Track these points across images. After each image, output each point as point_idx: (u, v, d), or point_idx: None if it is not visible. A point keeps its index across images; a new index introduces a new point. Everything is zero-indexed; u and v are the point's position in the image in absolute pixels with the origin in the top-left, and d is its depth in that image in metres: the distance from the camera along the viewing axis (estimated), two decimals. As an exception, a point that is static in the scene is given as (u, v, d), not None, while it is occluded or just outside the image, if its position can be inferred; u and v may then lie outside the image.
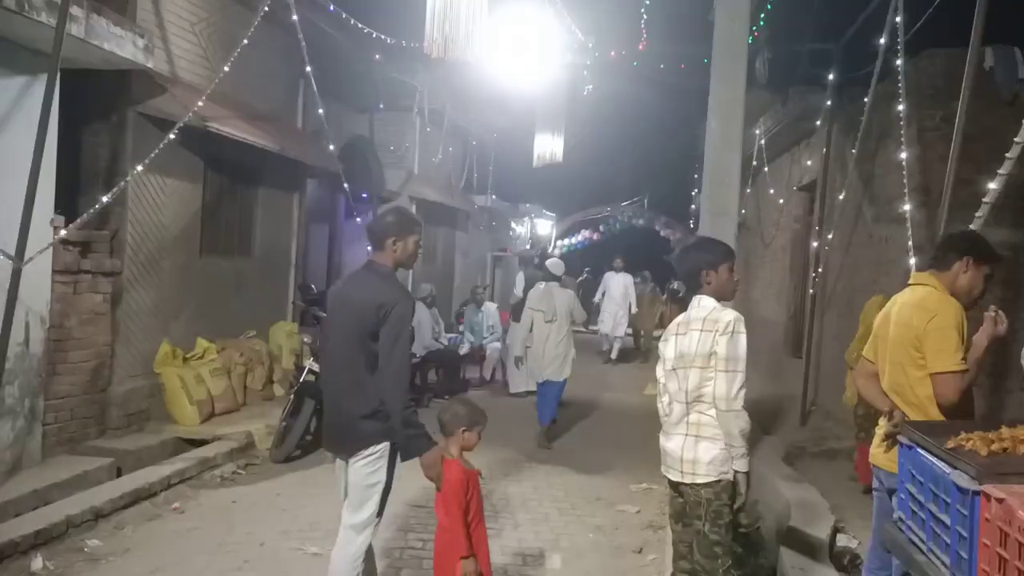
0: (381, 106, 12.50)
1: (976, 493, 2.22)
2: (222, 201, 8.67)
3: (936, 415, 3.18)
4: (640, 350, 16.80)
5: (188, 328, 7.99)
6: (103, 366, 6.81)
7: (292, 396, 7.26)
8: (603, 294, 16.12)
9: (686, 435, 3.44)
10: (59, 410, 6.30)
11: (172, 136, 6.66)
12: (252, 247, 9.35)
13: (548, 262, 9.35)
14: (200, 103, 6.88)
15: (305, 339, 9.24)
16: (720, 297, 3.56)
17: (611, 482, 6.82)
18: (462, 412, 3.55)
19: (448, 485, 3.41)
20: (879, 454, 3.35)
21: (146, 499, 5.69)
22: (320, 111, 8.80)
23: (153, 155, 6.58)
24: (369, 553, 3.67)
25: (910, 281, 3.49)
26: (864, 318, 7.90)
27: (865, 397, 3.62)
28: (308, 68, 8.42)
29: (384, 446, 3.51)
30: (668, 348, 3.59)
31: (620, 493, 6.52)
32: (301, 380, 7.28)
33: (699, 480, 3.40)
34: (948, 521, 2.38)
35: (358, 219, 11.50)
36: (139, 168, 6.60)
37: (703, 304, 3.54)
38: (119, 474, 6.16)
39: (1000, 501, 2.11)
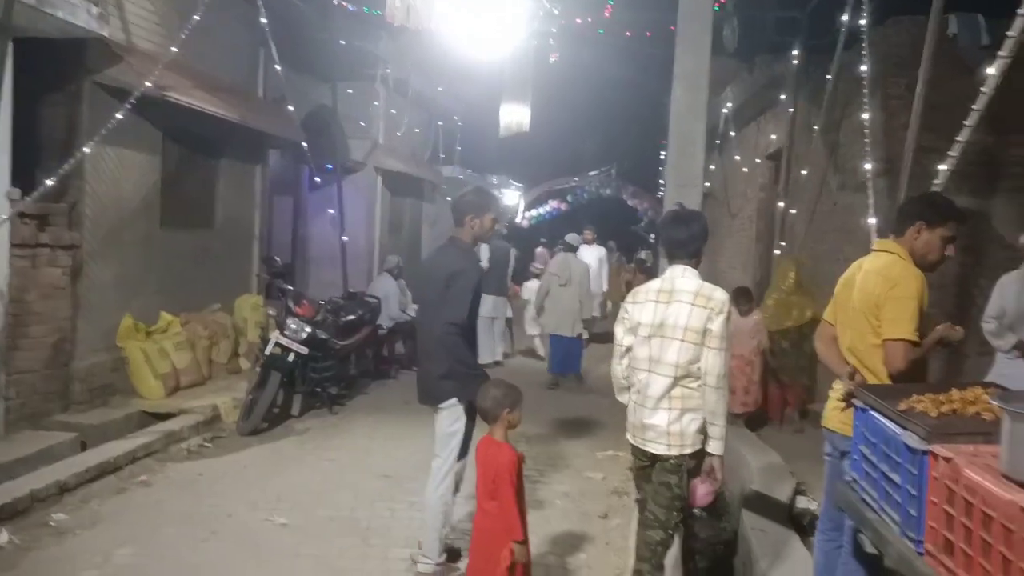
0: (344, 75, 12.32)
1: (925, 453, 2.29)
2: (182, 172, 8.52)
3: (887, 382, 3.24)
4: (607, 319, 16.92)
5: (151, 302, 7.89)
6: (64, 340, 6.71)
7: (258, 369, 7.23)
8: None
9: (670, 409, 3.44)
10: (21, 385, 6.21)
11: (129, 106, 6.54)
12: (214, 219, 9.22)
13: (567, 236, 11.06)
14: (157, 72, 6.73)
15: (270, 312, 9.18)
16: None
17: (578, 450, 6.90)
18: (500, 394, 3.51)
19: (503, 468, 3.35)
20: (832, 417, 3.39)
21: (112, 473, 5.65)
22: (282, 80, 8.66)
23: (110, 126, 6.46)
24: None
25: (874, 247, 3.49)
26: (776, 280, 8.19)
27: (823, 360, 3.62)
28: (268, 36, 8.28)
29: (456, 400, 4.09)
30: (643, 314, 3.54)
31: (586, 461, 6.60)
32: (267, 353, 7.24)
33: (686, 451, 3.45)
34: (899, 480, 2.44)
35: (321, 190, 11.41)
36: (96, 139, 6.48)
37: (687, 275, 3.54)
38: (84, 449, 6.11)
39: (947, 460, 2.18)
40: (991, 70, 4.02)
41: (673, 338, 3.43)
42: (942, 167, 4.66)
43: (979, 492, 2.02)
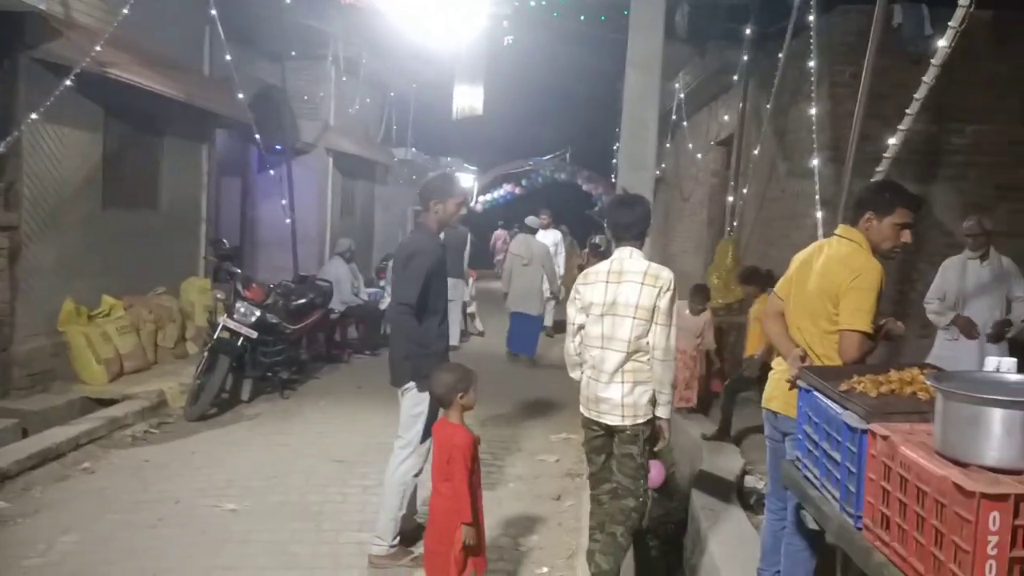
0: (293, 53, 12.10)
1: (864, 431, 2.36)
2: (125, 152, 8.29)
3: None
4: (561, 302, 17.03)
5: (93, 285, 7.69)
6: (2, 325, 6.52)
7: (206, 353, 7.10)
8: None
9: (623, 383, 3.66)
10: (-44, 371, 6.03)
11: (69, 82, 6.34)
12: (159, 200, 9.01)
13: (527, 219, 11.53)
14: (98, 48, 6.53)
15: (219, 295, 9.01)
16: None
17: (530, 432, 6.94)
18: (453, 379, 3.52)
19: (456, 450, 3.37)
20: (774, 398, 3.45)
21: (54, 460, 5.52)
22: (228, 57, 8.47)
23: (49, 103, 6.27)
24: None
25: (837, 232, 3.47)
26: (717, 259, 8.48)
27: (770, 336, 3.60)
28: (214, 11, 8.10)
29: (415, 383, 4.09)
30: (595, 294, 3.75)
31: (540, 443, 6.65)
32: (216, 337, 7.12)
33: (639, 421, 3.68)
34: (839, 458, 2.51)
35: (271, 171, 11.22)
36: (33, 117, 6.27)
37: (635, 257, 3.77)
38: (25, 435, 5.97)
39: (885, 438, 2.25)
40: (933, 60, 4.11)
41: (625, 316, 3.66)
42: (885, 155, 4.76)
43: (913, 468, 2.08)
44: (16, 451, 5.41)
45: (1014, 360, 2.60)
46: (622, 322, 3.65)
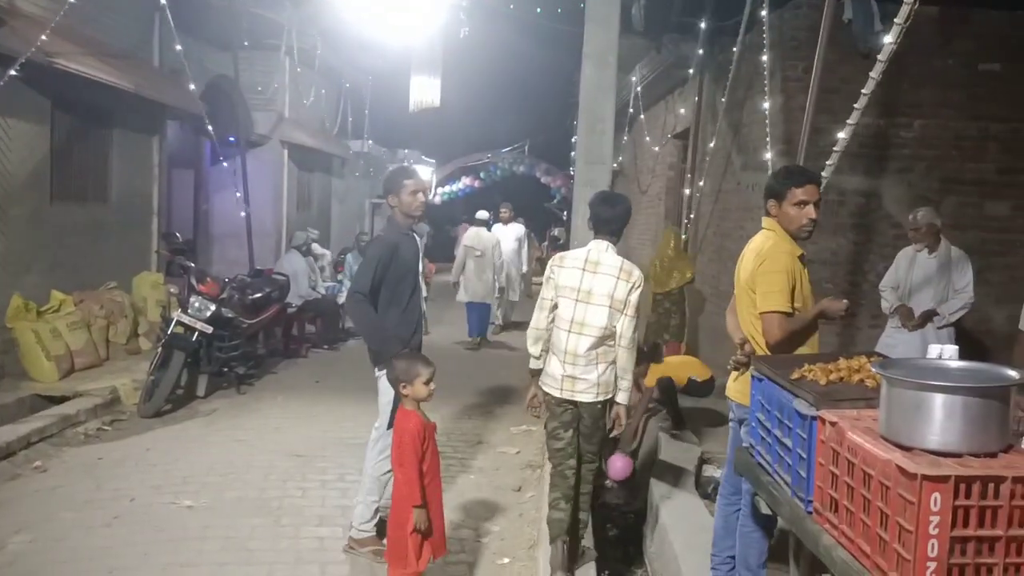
0: (246, 43, 11.90)
1: (814, 418, 2.43)
2: (73, 144, 8.11)
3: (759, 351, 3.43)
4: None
5: (42, 280, 7.51)
6: (-54, 322, 6.34)
7: (160, 349, 6.99)
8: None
9: (598, 363, 3.97)
10: (-102, 370, 5.85)
11: (13, 73, 6.18)
12: (108, 193, 8.83)
13: (478, 213, 12.01)
14: (44, 37, 6.37)
15: (172, 290, 8.87)
16: None
17: (491, 425, 6.97)
18: (399, 368, 3.55)
19: (406, 435, 3.42)
20: (731, 387, 3.59)
21: (4, 459, 5.40)
22: (178, 48, 8.31)
23: (-7, 93, 6.10)
24: None
25: (764, 224, 3.63)
26: (661, 247, 8.86)
27: (728, 328, 3.77)
28: (163, 0, 7.94)
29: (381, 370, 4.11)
30: (571, 279, 3.99)
31: (500, 436, 6.68)
32: (169, 332, 7.01)
33: (607, 397, 4.03)
34: (791, 444, 2.58)
35: (224, 163, 11.04)
36: (-23, 107, 6.10)
37: (610, 251, 4.04)
38: (-29, 435, 5.80)
39: (833, 424, 2.32)
40: (879, 56, 4.22)
41: (601, 305, 3.93)
42: (835, 149, 4.87)
43: (860, 453, 2.15)
44: (-37, 451, 5.29)
45: (956, 348, 2.71)
46: (597, 310, 3.91)
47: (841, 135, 4.79)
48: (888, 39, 4.12)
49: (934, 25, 6.69)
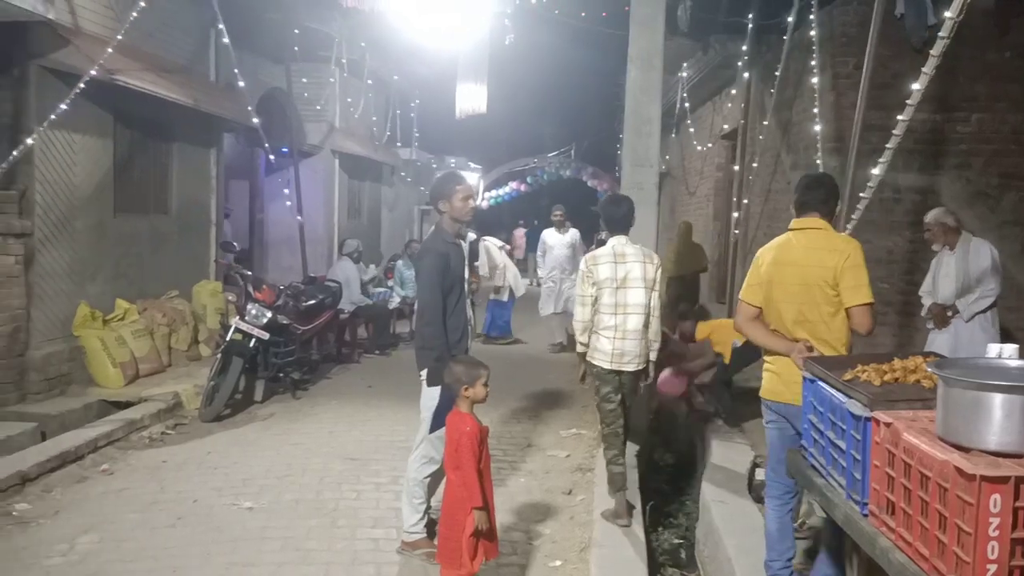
0: (297, 56, 12.15)
1: (868, 419, 2.41)
2: (135, 157, 8.38)
3: (843, 349, 3.42)
4: None
5: (106, 289, 7.79)
6: (19, 330, 6.61)
7: (219, 355, 7.18)
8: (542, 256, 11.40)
9: (641, 339, 4.69)
10: (-25, 376, 6.12)
11: (78, 90, 6.42)
12: (169, 204, 9.09)
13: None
14: (106, 55, 6.60)
15: (230, 297, 9.10)
16: None
17: (540, 428, 6.99)
18: (458, 371, 3.64)
19: (463, 437, 3.48)
20: (766, 387, 3.61)
21: (73, 462, 5.60)
22: (234, 62, 8.54)
23: (59, 111, 6.35)
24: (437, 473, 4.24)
25: (797, 225, 3.62)
26: (677, 239, 10.20)
27: (758, 341, 3.72)
28: (219, 17, 8.17)
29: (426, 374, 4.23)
30: (606, 271, 4.66)
31: (549, 439, 6.70)
32: (228, 339, 7.20)
33: (647, 363, 4.80)
34: (844, 446, 2.56)
35: (278, 174, 11.30)
36: (45, 125, 6.36)
37: (628, 244, 4.76)
38: (43, 438, 6.06)
39: (888, 425, 2.30)
40: (932, 51, 4.14)
41: (637, 287, 4.66)
42: (887, 145, 4.79)
43: (916, 454, 2.13)
44: (36, 454, 5.50)
45: (1015, 346, 2.65)
46: (636, 292, 4.65)
47: (895, 131, 4.71)
48: (941, 33, 4.05)
49: (988, 17, 6.54)
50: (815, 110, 6.75)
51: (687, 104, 11.85)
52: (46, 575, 4.00)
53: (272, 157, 10.43)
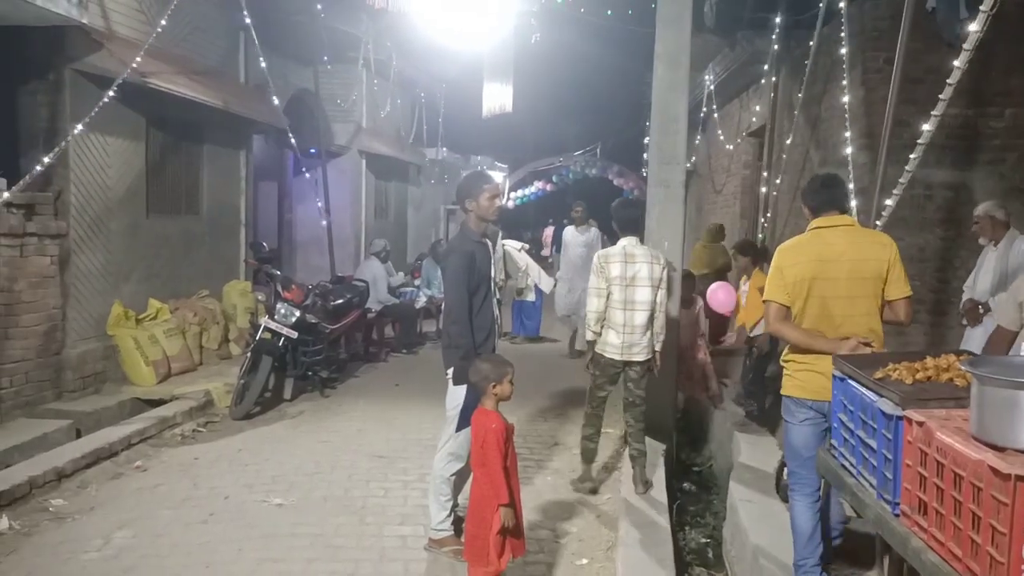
0: (325, 58, 12.25)
1: (900, 418, 2.38)
2: (167, 160, 8.51)
3: (882, 342, 3.44)
4: None
5: (139, 289, 7.92)
6: (55, 329, 6.74)
7: (249, 354, 7.27)
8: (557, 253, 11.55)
9: (646, 332, 5.08)
10: (14, 374, 6.26)
11: (111, 94, 6.53)
12: (200, 206, 9.22)
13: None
14: (139, 59, 6.71)
15: (259, 297, 9.20)
16: None
17: (567, 427, 6.99)
18: (485, 369, 3.68)
19: (489, 434, 3.50)
20: (787, 384, 3.64)
21: (108, 459, 5.70)
22: (263, 64, 8.63)
23: (93, 114, 6.45)
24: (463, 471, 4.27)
25: (823, 224, 3.62)
26: (704, 236, 10.41)
27: (788, 339, 3.67)
28: (248, 19, 8.26)
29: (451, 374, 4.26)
30: (616, 270, 5.04)
31: (576, 438, 6.62)
32: (258, 338, 7.28)
33: (651, 355, 5.17)
34: (875, 445, 2.54)
35: (306, 174, 11.40)
36: (79, 127, 6.47)
37: (638, 244, 5.18)
38: (79, 435, 6.17)
39: (921, 424, 2.28)
40: (964, 45, 4.09)
41: (645, 286, 5.05)
42: (919, 141, 4.73)
43: (950, 454, 2.11)
44: (71, 450, 5.61)
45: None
46: (642, 290, 5.03)
47: (926, 127, 4.66)
48: (974, 27, 3.99)
49: (1022, 10, 6.42)
50: (845, 106, 6.68)
51: (714, 101, 11.77)
52: (82, 569, 4.07)
53: (300, 158, 10.53)
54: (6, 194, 5.93)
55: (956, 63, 4.20)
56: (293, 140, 9.58)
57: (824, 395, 3.43)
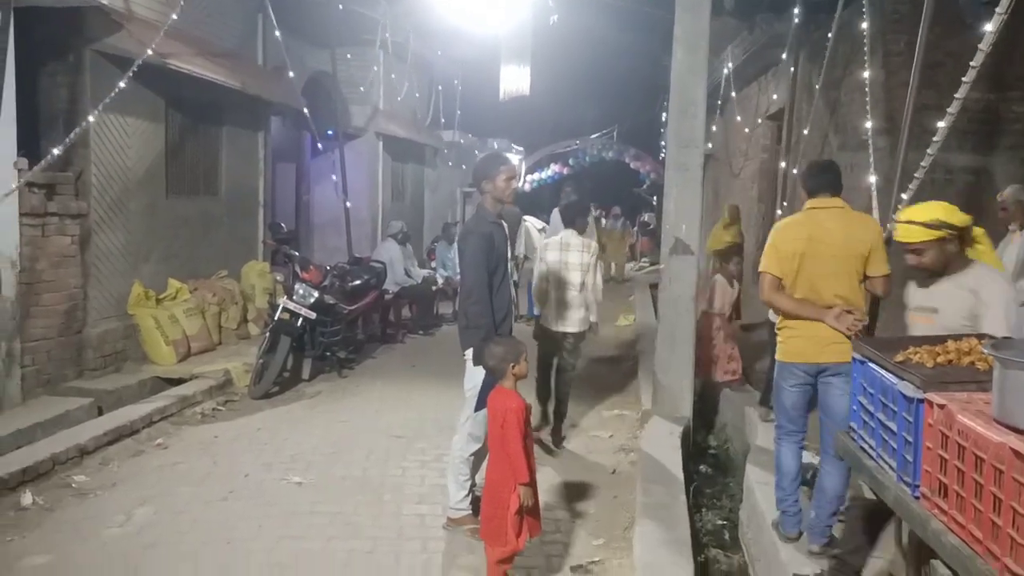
0: (342, 40, 12.24)
1: (920, 401, 2.38)
2: (185, 141, 8.55)
3: (861, 314, 3.78)
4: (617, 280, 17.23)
5: (159, 269, 7.99)
6: (76, 308, 6.82)
7: (267, 334, 7.33)
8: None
9: (580, 307, 5.88)
10: (36, 352, 6.34)
11: (131, 74, 6.55)
12: (219, 187, 9.27)
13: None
14: (157, 39, 6.73)
15: (278, 278, 9.26)
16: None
17: (583, 409, 7.01)
18: (502, 351, 3.71)
19: (510, 414, 3.53)
20: (800, 352, 3.89)
21: (129, 436, 5.79)
22: (281, 46, 8.63)
23: (113, 94, 6.48)
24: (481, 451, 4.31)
25: (817, 205, 3.96)
26: (721, 218, 10.58)
27: (780, 307, 4.00)
28: (267, 2, 8.26)
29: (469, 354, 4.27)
30: (553, 256, 5.93)
31: (592, 420, 6.72)
32: (276, 318, 7.34)
33: (586, 327, 5.96)
34: (895, 428, 2.54)
35: (324, 156, 11.40)
36: (99, 108, 6.51)
37: (575, 235, 5.99)
38: (100, 413, 6.26)
39: (942, 407, 2.28)
40: (988, 27, 4.03)
41: (576, 270, 5.87)
42: (940, 124, 4.68)
43: (971, 436, 2.11)
44: (94, 428, 5.70)
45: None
46: (575, 274, 5.86)
47: (950, 111, 4.60)
48: (998, 9, 3.94)
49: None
50: (865, 90, 6.61)
51: (732, 85, 11.67)
52: (104, 545, 4.13)
53: (318, 140, 10.55)
54: (28, 174, 5.98)
55: (980, 46, 4.14)
56: (310, 122, 9.59)
57: (811, 357, 3.87)
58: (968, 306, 3.22)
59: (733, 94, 11.89)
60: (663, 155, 17.45)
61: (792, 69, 9.49)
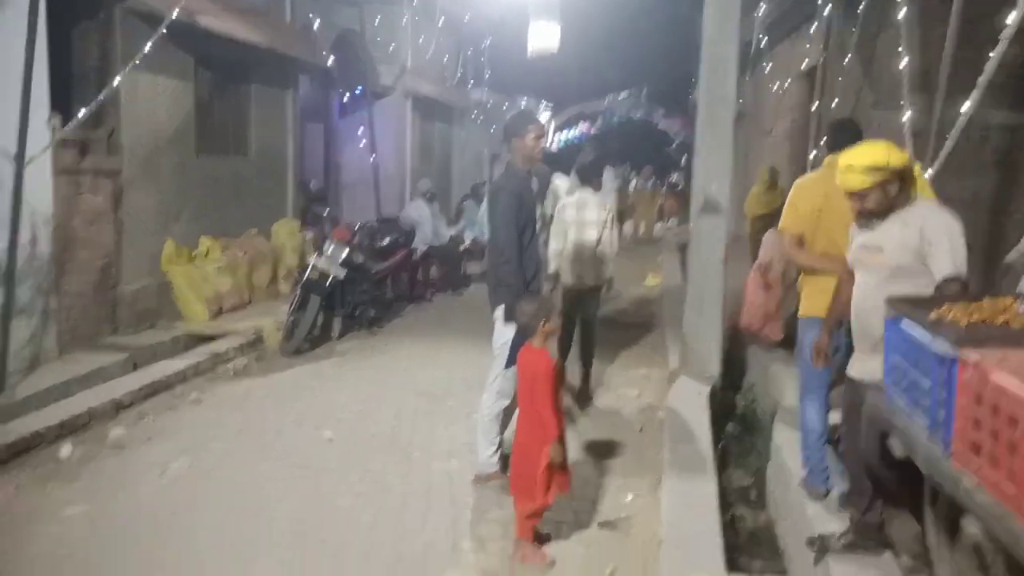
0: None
1: (954, 359, 2.36)
2: (214, 100, 8.57)
3: None
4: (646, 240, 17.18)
5: (190, 228, 8.07)
6: (110, 265, 6.93)
7: (298, 292, 7.40)
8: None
9: (598, 261, 6.05)
10: (71, 308, 6.46)
11: (162, 32, 6.55)
12: (248, 146, 9.30)
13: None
14: (187, -3, 6.71)
15: (308, 236, 9.32)
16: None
17: (611, 368, 7.03)
18: (534, 309, 3.71)
19: (540, 371, 3.55)
20: (823, 306, 3.78)
21: (164, 391, 5.92)
22: (308, 4, 8.57)
23: (143, 52, 6.49)
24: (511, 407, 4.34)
25: (835, 161, 3.66)
26: (758, 183, 10.65)
27: (802, 262, 4.10)
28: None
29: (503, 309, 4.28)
30: (571, 214, 6.06)
31: (620, 379, 6.75)
32: (306, 276, 7.41)
33: (603, 281, 6.19)
34: (927, 387, 2.52)
35: (353, 115, 11.36)
36: (130, 66, 6.52)
37: (591, 193, 6.15)
38: (134, 369, 6.37)
39: (976, 365, 2.25)
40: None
41: (592, 228, 6.03)
42: (979, 79, 4.56)
43: (1007, 395, 2.09)
44: (129, 382, 5.84)
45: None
46: (592, 231, 6.02)
47: (988, 66, 4.48)
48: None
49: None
50: (900, 46, 6.43)
51: (764, 42, 11.42)
52: (141, 499, 4.23)
53: (346, 98, 10.52)
54: (61, 132, 6.04)
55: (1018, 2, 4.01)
56: (339, 80, 9.55)
57: (804, 311, 3.99)
58: (914, 244, 3.14)
59: (765, 52, 11.64)
60: (692, 113, 17.20)
61: (826, 25, 9.25)
